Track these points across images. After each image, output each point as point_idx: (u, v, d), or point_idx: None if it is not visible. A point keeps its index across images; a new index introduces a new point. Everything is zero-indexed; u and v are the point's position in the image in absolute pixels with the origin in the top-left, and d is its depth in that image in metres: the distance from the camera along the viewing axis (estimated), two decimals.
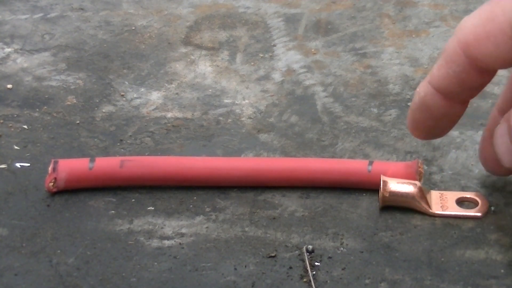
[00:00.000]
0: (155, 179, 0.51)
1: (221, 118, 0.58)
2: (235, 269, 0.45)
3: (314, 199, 0.50)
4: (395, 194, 0.48)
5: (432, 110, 0.45)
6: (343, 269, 0.45)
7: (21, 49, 0.66)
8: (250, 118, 0.58)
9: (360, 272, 0.45)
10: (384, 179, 0.48)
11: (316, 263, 0.45)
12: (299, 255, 0.46)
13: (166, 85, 0.61)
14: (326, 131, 0.56)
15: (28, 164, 0.53)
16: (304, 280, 0.44)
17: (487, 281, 0.44)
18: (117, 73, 0.63)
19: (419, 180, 0.49)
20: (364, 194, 0.50)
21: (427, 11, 0.70)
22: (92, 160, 0.50)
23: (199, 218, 0.49)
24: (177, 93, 0.60)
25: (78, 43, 0.66)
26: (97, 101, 0.59)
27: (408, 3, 0.71)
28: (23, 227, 0.48)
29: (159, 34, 0.68)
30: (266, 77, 0.62)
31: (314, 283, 0.44)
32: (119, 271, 0.45)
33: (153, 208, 0.50)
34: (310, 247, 0.46)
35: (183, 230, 0.48)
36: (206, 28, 0.68)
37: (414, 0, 0.72)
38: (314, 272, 0.45)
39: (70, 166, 0.50)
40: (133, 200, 0.50)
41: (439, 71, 0.44)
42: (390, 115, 0.57)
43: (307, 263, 0.45)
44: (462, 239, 0.47)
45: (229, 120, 0.57)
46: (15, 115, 0.58)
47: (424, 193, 0.48)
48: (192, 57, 0.65)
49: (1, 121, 0.57)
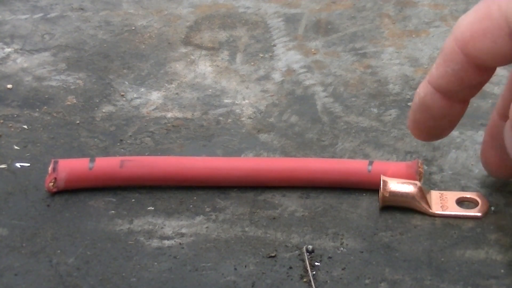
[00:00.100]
0: (155, 179, 0.51)
1: (221, 118, 0.57)
2: (235, 269, 0.45)
3: (314, 199, 0.50)
4: (395, 194, 0.48)
5: (433, 110, 0.45)
6: (343, 269, 0.45)
7: (21, 49, 0.66)
8: (250, 118, 0.58)
9: (360, 272, 0.45)
10: (384, 179, 0.48)
11: (316, 263, 0.45)
12: (299, 255, 0.46)
13: (166, 85, 0.61)
14: (326, 131, 0.56)
15: (28, 164, 0.53)
16: (304, 280, 0.44)
17: (487, 281, 0.44)
18: (117, 73, 0.63)
19: (419, 180, 0.49)
20: (364, 194, 0.50)
21: (427, 11, 0.70)
22: (92, 160, 0.50)
23: (199, 218, 0.49)
24: (177, 93, 0.60)
25: (78, 43, 0.66)
26: (97, 101, 0.59)
27: (408, 3, 0.71)
28: (23, 227, 0.48)
29: (159, 34, 0.68)
30: (266, 77, 0.62)
31: (314, 283, 0.44)
32: (119, 271, 0.45)
33: (153, 208, 0.50)
34: (310, 247, 0.46)
35: (183, 230, 0.48)
36: (206, 28, 0.68)
37: (414, 0, 0.72)
38: (314, 272, 0.45)
39: (70, 166, 0.50)
40: (133, 200, 0.50)
41: (438, 70, 0.44)
42: (390, 115, 0.57)
43: (307, 263, 0.45)
44: (462, 239, 0.47)
45: (229, 120, 0.57)
46: (15, 115, 0.58)
47: (424, 193, 0.48)
48: (192, 57, 0.65)
49: (1, 121, 0.57)
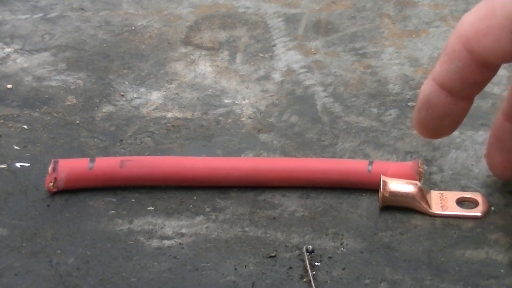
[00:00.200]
0: (155, 179, 0.51)
1: (221, 118, 0.57)
2: (235, 269, 0.45)
3: (314, 199, 0.50)
4: (395, 194, 0.48)
5: (437, 108, 0.45)
6: (343, 269, 0.45)
7: (21, 49, 0.66)
8: (250, 118, 0.58)
9: (360, 272, 0.45)
10: (384, 179, 0.48)
11: (316, 263, 0.45)
12: (299, 255, 0.46)
13: (166, 85, 0.61)
14: (326, 131, 0.56)
15: (28, 164, 0.53)
16: (304, 280, 0.44)
17: (487, 281, 0.44)
18: (117, 73, 0.63)
19: (419, 180, 0.49)
20: (364, 194, 0.50)
21: (427, 11, 0.70)
22: (92, 160, 0.50)
23: (199, 218, 0.49)
24: (177, 93, 0.60)
25: (78, 43, 0.66)
26: (97, 101, 0.59)
27: (408, 3, 0.71)
28: (23, 227, 0.48)
29: (159, 34, 0.68)
30: (266, 77, 0.62)
31: (314, 283, 0.44)
32: (119, 271, 0.45)
33: (153, 208, 0.50)
34: (310, 247, 0.46)
35: (183, 230, 0.48)
36: (206, 28, 0.68)
37: (414, 0, 0.72)
38: (314, 272, 0.45)
39: (70, 166, 0.50)
40: (133, 200, 0.50)
41: (442, 68, 0.44)
42: (390, 115, 0.57)
43: (307, 263, 0.45)
44: (462, 239, 0.47)
45: (229, 120, 0.57)
46: (15, 115, 0.58)
47: (424, 193, 0.48)
48: (192, 57, 0.65)
49: (1, 121, 0.57)
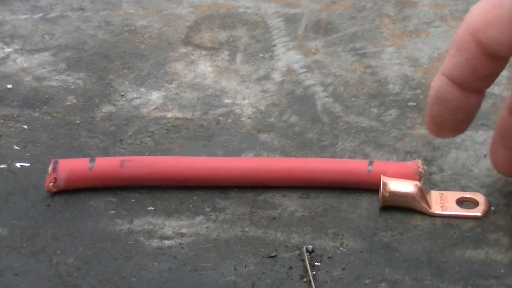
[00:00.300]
0: (155, 179, 0.51)
1: (221, 118, 0.57)
2: (235, 269, 0.45)
3: (314, 199, 0.50)
4: (395, 194, 0.48)
5: (448, 102, 0.45)
6: (343, 269, 0.45)
7: (21, 49, 0.66)
8: (250, 118, 0.58)
9: (360, 272, 0.45)
10: (384, 179, 0.48)
11: (316, 263, 0.45)
12: (299, 255, 0.46)
13: (166, 85, 0.61)
14: (326, 131, 0.56)
15: (28, 164, 0.53)
16: (304, 280, 0.44)
17: (487, 281, 0.44)
18: (117, 73, 0.63)
19: (419, 180, 0.49)
20: (364, 194, 0.50)
21: (427, 11, 0.70)
22: (92, 160, 0.50)
23: (199, 218, 0.49)
24: (177, 93, 0.60)
25: (78, 43, 0.66)
26: (97, 101, 0.59)
27: (408, 3, 0.71)
28: (23, 227, 0.48)
29: (159, 34, 0.68)
30: (266, 77, 0.62)
31: (314, 283, 0.44)
32: (119, 271, 0.45)
33: (153, 208, 0.50)
34: (310, 247, 0.46)
35: (183, 230, 0.48)
36: (206, 28, 0.68)
37: (414, 0, 0.72)
38: (314, 272, 0.45)
39: (70, 166, 0.50)
40: (133, 200, 0.50)
41: (451, 61, 0.43)
42: (390, 115, 0.57)
43: (307, 263, 0.45)
44: (462, 239, 0.47)
45: (229, 120, 0.57)
46: (15, 115, 0.58)
47: (424, 193, 0.48)
48: (192, 57, 0.65)
49: (1, 121, 0.57)
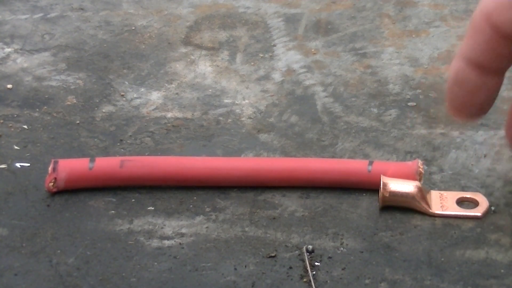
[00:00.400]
0: (155, 179, 0.51)
1: (221, 118, 0.57)
2: (235, 269, 0.45)
3: (314, 199, 0.50)
4: (395, 194, 0.48)
5: (467, 84, 0.45)
6: (343, 269, 0.45)
7: (21, 49, 0.66)
8: (250, 118, 0.58)
9: (360, 272, 0.45)
10: (384, 179, 0.48)
11: (316, 263, 0.45)
12: (299, 255, 0.46)
13: (166, 85, 0.61)
14: (326, 131, 0.56)
15: (28, 164, 0.53)
16: (304, 280, 0.44)
17: (487, 281, 0.44)
18: (117, 73, 0.63)
19: (419, 180, 0.49)
20: (364, 194, 0.50)
21: (427, 11, 0.70)
22: (92, 160, 0.50)
23: (199, 218, 0.49)
24: (177, 93, 0.60)
25: (78, 43, 0.66)
26: (97, 101, 0.59)
27: (408, 3, 0.71)
28: (23, 227, 0.48)
29: (159, 34, 0.68)
30: (266, 77, 0.62)
31: (314, 283, 0.44)
32: (119, 271, 0.45)
33: (153, 208, 0.50)
34: (310, 247, 0.46)
35: (183, 230, 0.48)
36: (206, 28, 0.68)
37: (414, 0, 0.72)
38: (314, 272, 0.45)
39: (70, 166, 0.50)
40: (133, 200, 0.50)
41: (467, 43, 0.44)
42: (390, 115, 0.57)
43: (307, 263, 0.45)
44: (462, 239, 0.47)
45: (229, 120, 0.57)
46: (15, 115, 0.58)
47: (424, 193, 0.48)
48: (192, 57, 0.65)
49: (1, 121, 0.57)
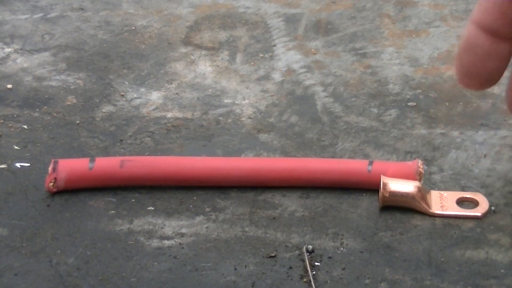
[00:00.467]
0: (155, 179, 0.51)
1: (221, 118, 0.57)
2: (235, 269, 0.45)
3: (314, 199, 0.50)
4: (395, 194, 0.48)
5: (478, 50, 0.45)
6: (343, 269, 0.45)
7: (21, 49, 0.66)
8: (250, 118, 0.58)
9: (360, 272, 0.45)
10: (384, 179, 0.48)
11: (316, 263, 0.45)
12: (299, 255, 0.46)
13: (166, 85, 0.61)
14: (326, 131, 0.56)
15: (28, 164, 0.53)
16: (304, 280, 0.44)
17: (487, 281, 0.44)
18: (117, 73, 0.63)
19: (419, 180, 0.49)
20: (364, 194, 0.50)
21: (427, 11, 0.70)
22: (92, 160, 0.50)
23: (199, 218, 0.49)
24: (177, 93, 0.60)
25: (78, 43, 0.66)
26: (97, 101, 0.59)
27: (408, 3, 0.71)
28: (23, 227, 0.48)
29: (159, 34, 0.68)
30: (266, 77, 0.62)
31: (314, 283, 0.44)
32: (119, 271, 0.45)
33: (153, 208, 0.50)
34: (310, 247, 0.46)
35: (183, 230, 0.48)
36: (206, 28, 0.68)
37: (414, 0, 0.72)
38: (314, 272, 0.45)
39: (70, 166, 0.50)
40: (133, 200, 0.50)
41: (479, 8, 0.44)
42: (390, 115, 0.57)
43: (307, 263, 0.45)
44: (462, 239, 0.47)
45: (229, 120, 0.57)
46: (15, 115, 0.58)
47: (424, 193, 0.48)
48: (192, 57, 0.65)
49: (1, 121, 0.57)
